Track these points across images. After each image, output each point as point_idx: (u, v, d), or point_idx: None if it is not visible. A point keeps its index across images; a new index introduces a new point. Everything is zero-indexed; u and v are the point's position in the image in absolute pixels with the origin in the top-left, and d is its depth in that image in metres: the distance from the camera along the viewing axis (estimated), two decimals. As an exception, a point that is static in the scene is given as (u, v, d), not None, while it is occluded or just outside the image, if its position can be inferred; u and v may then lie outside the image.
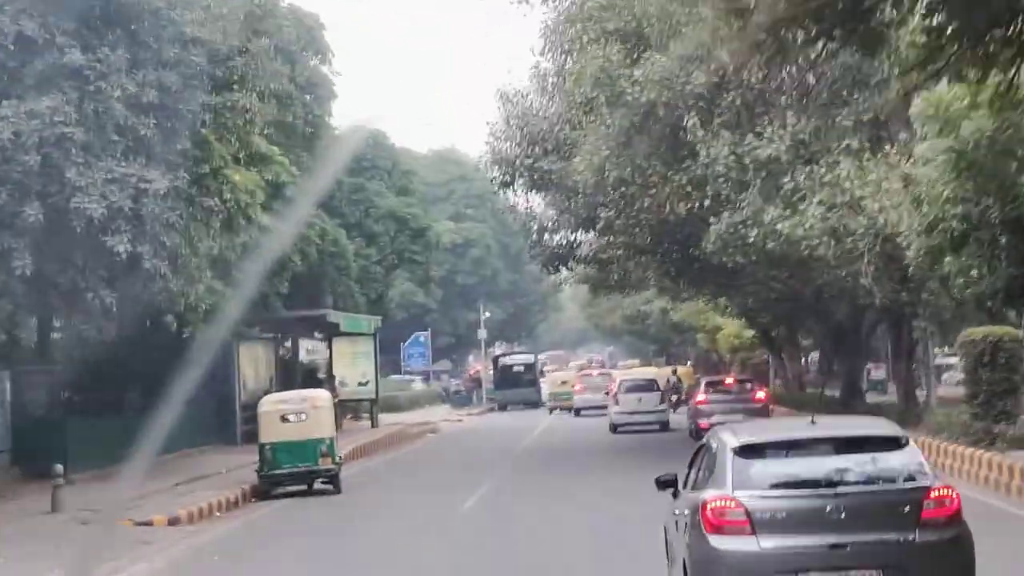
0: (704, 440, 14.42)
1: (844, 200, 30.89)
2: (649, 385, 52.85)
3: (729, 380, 47.65)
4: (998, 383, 27.54)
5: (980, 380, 27.70)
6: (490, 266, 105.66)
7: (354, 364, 53.45)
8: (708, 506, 12.55)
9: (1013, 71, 12.20)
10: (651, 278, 52.59)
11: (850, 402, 42.28)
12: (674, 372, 69.17)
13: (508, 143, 41.97)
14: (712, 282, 48.86)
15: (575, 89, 36.47)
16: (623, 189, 37.16)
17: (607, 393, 56.04)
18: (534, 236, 45.90)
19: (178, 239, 26.66)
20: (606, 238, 41.80)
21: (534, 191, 43.38)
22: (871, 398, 45.23)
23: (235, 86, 28.50)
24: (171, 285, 27.33)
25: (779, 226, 30.87)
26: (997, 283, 22.24)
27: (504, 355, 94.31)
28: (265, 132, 36.17)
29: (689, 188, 34.59)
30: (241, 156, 33.49)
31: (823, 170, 31.91)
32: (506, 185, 42.80)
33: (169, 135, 26.39)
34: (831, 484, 12.43)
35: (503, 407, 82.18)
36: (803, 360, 62.44)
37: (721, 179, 33.25)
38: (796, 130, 32.90)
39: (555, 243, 45.68)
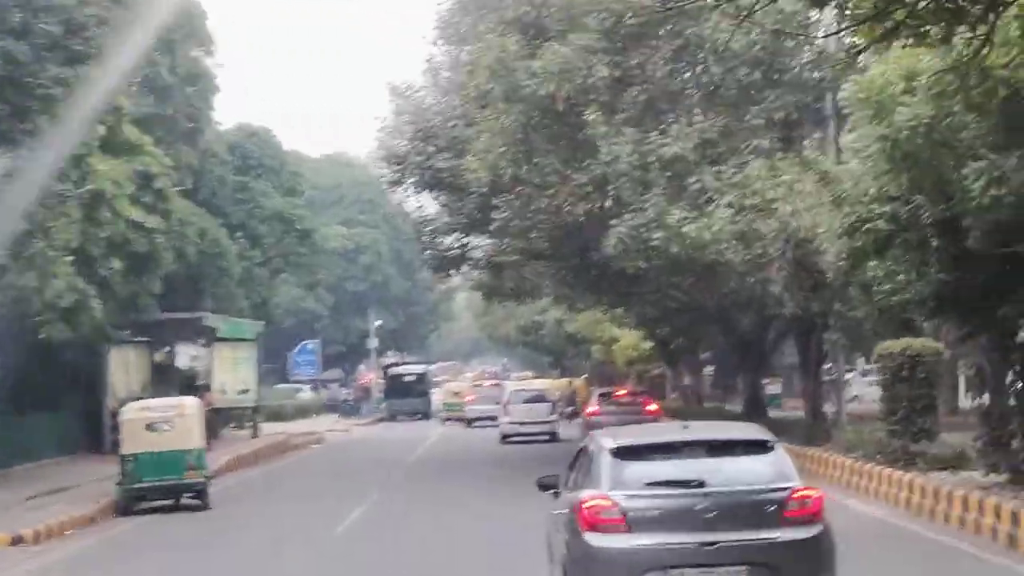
0: (584, 443, 14.73)
1: (754, 202, 29.03)
2: (539, 396, 52.89)
3: (621, 392, 48.48)
4: (917, 399, 25.61)
5: (898, 396, 25.71)
6: (382, 272, 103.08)
7: (235, 371, 50.80)
8: (585, 505, 13.00)
9: (987, 28, 10.21)
10: (547, 285, 50.62)
11: (753, 417, 40.39)
12: (570, 384, 67.56)
13: (399, 139, 39.71)
14: (611, 291, 46.89)
15: (470, 81, 34.29)
16: (519, 189, 35.08)
17: (500, 404, 55.60)
18: (425, 238, 43.57)
19: (25, 227, 24.04)
20: (500, 241, 39.58)
21: (425, 190, 41.11)
22: (773, 413, 43.39)
23: (90, 61, 25.86)
24: (17, 280, 24.64)
25: (685, 229, 28.93)
26: (926, 289, 20.27)
27: (395, 364, 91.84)
28: (129, 118, 33.30)
29: (589, 188, 32.54)
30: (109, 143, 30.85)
31: (732, 171, 30.04)
32: (396, 183, 40.55)
33: (20, 112, 23.78)
34: (701, 485, 12.84)
35: (393, 417, 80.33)
36: (702, 373, 60.53)
37: (623, 179, 31.24)
38: (703, 128, 31.00)
39: (447, 246, 43.42)
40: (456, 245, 43.12)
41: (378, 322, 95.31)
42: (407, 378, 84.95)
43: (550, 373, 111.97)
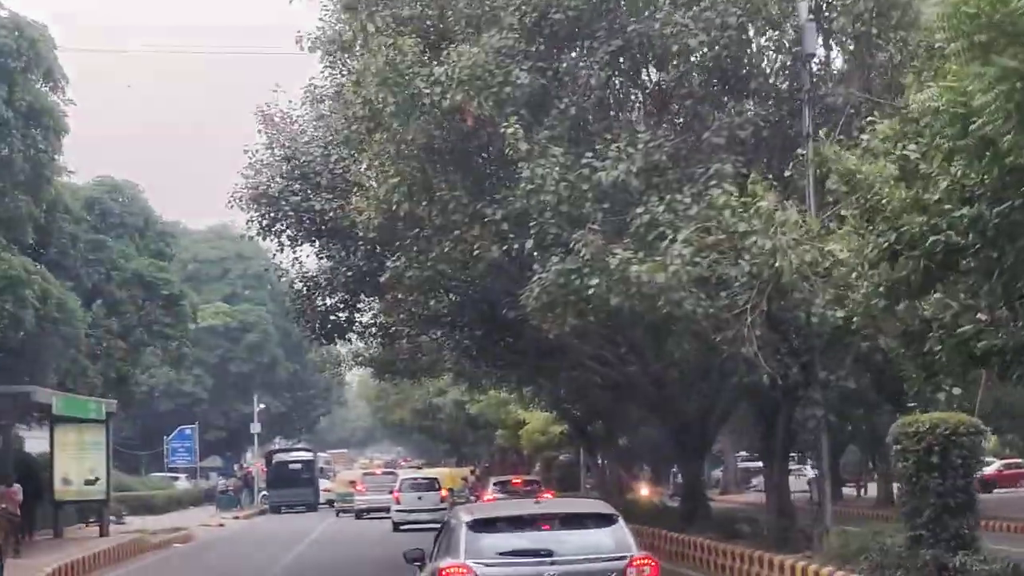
0: (447, 517, 16.60)
1: (718, 238, 22.42)
2: (430, 484, 52.89)
3: (517, 481, 49.44)
4: (950, 494, 18.88)
5: (926, 489, 18.91)
6: (268, 353, 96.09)
7: (81, 457, 43.04)
8: (444, 572, 14.39)
9: None
10: (446, 359, 43.90)
11: (696, 513, 33.72)
12: (472, 472, 61.32)
13: (271, 175, 32.80)
14: (520, 364, 40.28)
15: (356, 95, 27.45)
16: (417, 231, 28.32)
17: (392, 494, 54.03)
18: (303, 300, 36.43)
19: None
20: (392, 300, 32.54)
21: (304, 241, 34.10)
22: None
23: None
24: None
25: (633, 270, 22.19)
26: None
27: (278, 451, 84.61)
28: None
29: (505, 226, 25.80)
30: None
31: (687, 199, 23.44)
32: (266, 230, 33.49)
33: None
34: (550, 554, 14.31)
35: (276, 509, 74.07)
36: (628, 460, 53.59)
37: (549, 213, 24.52)
38: (649, 148, 24.41)
39: (330, 306, 36.35)
40: (341, 307, 36.05)
41: (262, 406, 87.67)
42: (293, 466, 78.57)
43: (446, 461, 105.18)
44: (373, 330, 38.72)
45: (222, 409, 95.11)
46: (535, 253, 25.20)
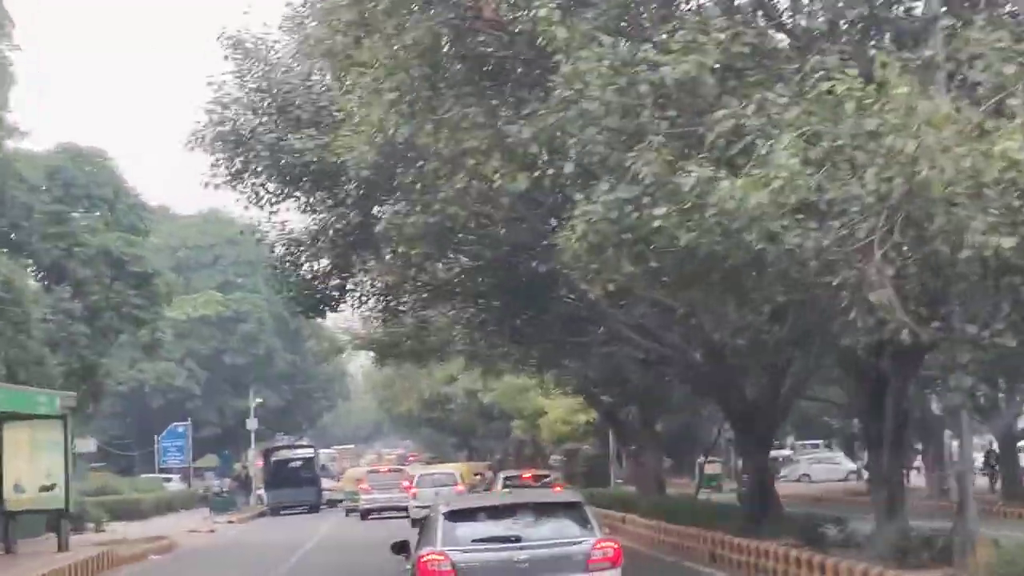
0: (429, 510, 17.68)
1: (833, 146, 16.32)
2: (448, 479, 51.70)
3: (527, 475, 48.24)
4: None
5: None
6: (264, 344, 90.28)
7: (34, 460, 36.85)
8: (422, 559, 15.82)
9: None
10: (457, 337, 37.87)
11: (766, 513, 27.64)
12: (489, 467, 56.92)
13: (241, 110, 26.64)
14: (543, 339, 34.23)
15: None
16: (420, 165, 22.25)
17: (406, 490, 53.21)
18: (285, 264, 30.13)
19: None
20: (392, 255, 26.28)
21: (281, 188, 27.80)
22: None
23: None
24: None
25: (722, 188, 16.08)
26: None
27: (277, 448, 78.76)
28: None
29: (535, 148, 19.61)
30: None
31: (782, 99, 17.33)
32: (236, 176, 27.24)
33: None
34: (519, 540, 15.75)
35: (276, 511, 68.77)
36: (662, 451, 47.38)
37: (594, 128, 18.32)
38: (727, 39, 18.26)
39: (318, 271, 30.09)
40: (331, 271, 29.83)
41: (259, 400, 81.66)
42: (293, 464, 72.95)
43: (456, 456, 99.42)
44: (370, 303, 32.67)
45: (217, 405, 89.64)
46: (576, 181, 19.05)
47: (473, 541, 15.83)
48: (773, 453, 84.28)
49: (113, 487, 67.65)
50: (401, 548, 17.73)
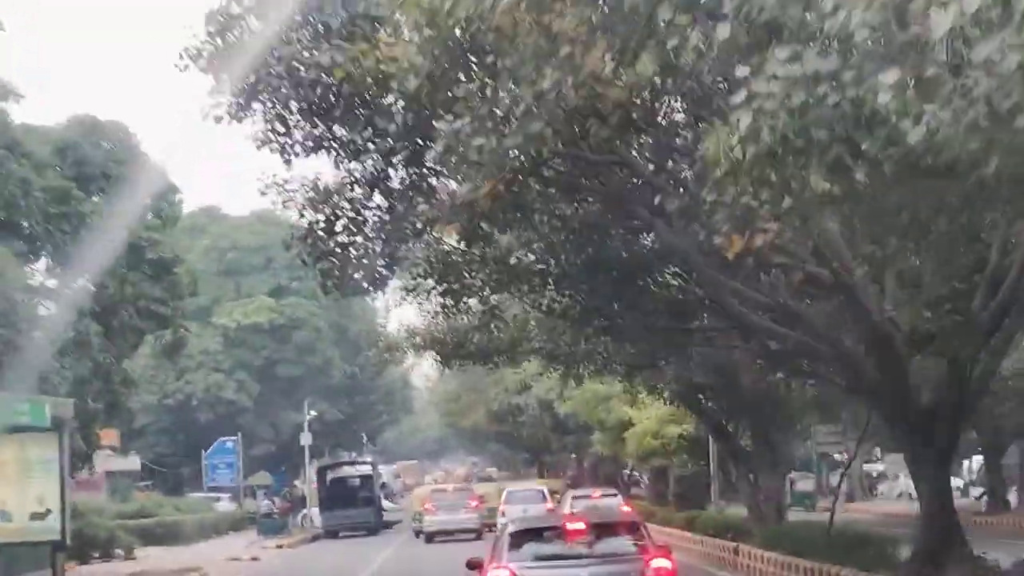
0: (499, 528, 20.61)
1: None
2: (537, 496, 50.67)
3: (595, 494, 46.41)
4: None
5: None
6: (321, 353, 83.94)
7: (22, 482, 30.19)
8: (488, 573, 16.94)
9: None
10: (532, 332, 31.36)
11: (951, 550, 20.62)
12: (569, 486, 57.88)
13: (250, 19, 19.93)
14: (642, 332, 27.50)
15: None
16: (491, 63, 15.53)
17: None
18: (314, 234, 23.04)
19: None
20: (450, 199, 19.24)
21: (303, 119, 20.85)
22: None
23: None
24: None
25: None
26: None
27: (333, 466, 72.59)
28: None
29: (666, 17, 12.69)
30: None
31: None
32: (244, 107, 20.30)
33: None
34: (579, 557, 16.79)
35: (332, 533, 63.42)
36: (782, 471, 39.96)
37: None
38: None
39: (355, 242, 23.02)
40: (372, 240, 22.93)
41: (313, 413, 75.33)
42: (351, 482, 67.04)
43: (525, 472, 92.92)
44: (430, 283, 25.94)
45: (270, 419, 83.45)
46: (734, 58, 12.21)
47: (536, 558, 16.93)
48: (866, 467, 77.97)
49: (150, 509, 61.58)
50: (476, 565, 18.30)
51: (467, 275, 26.09)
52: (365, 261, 23.17)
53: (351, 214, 22.33)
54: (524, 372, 55.71)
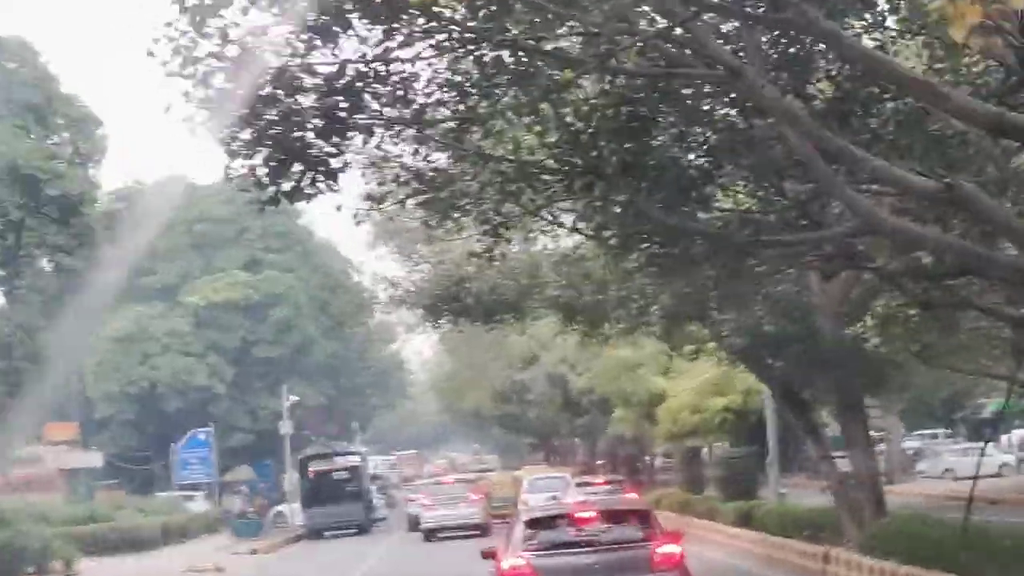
0: (513, 517, 20.78)
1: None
2: (560, 484, 47.72)
3: (599, 482, 45.10)
4: None
5: None
6: (301, 332, 76.32)
7: None
8: (503, 562, 17.87)
9: None
10: (545, 276, 23.26)
11: None
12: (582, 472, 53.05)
13: None
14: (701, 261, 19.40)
15: None
16: None
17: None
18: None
19: None
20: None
21: None
22: None
23: None
24: None
25: None
26: None
27: (316, 457, 64.75)
28: None
29: None
30: None
31: None
32: None
33: None
34: (590, 544, 17.47)
35: (317, 533, 57.19)
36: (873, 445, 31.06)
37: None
38: None
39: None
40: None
41: (293, 399, 67.29)
42: (337, 475, 60.24)
43: (530, 459, 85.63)
44: (398, 182, 17.59)
45: (247, 406, 75.96)
46: None
47: (551, 545, 17.62)
48: (907, 444, 70.50)
49: (106, 512, 53.76)
50: (490, 554, 18.92)
51: (460, 174, 17.87)
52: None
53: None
54: (532, 339, 47.88)
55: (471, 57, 14.42)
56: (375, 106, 15.58)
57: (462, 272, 27.38)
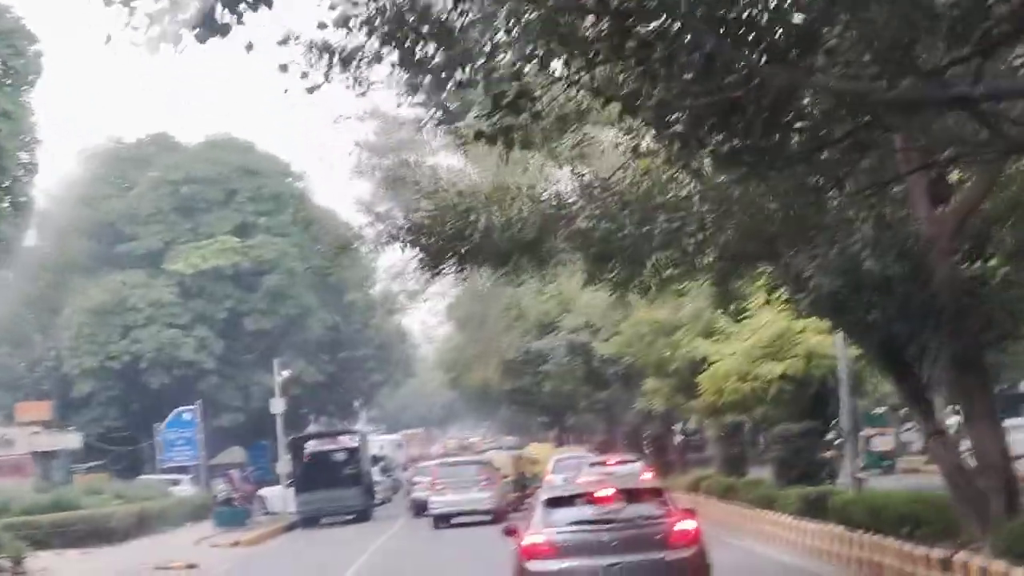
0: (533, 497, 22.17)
1: None
2: (584, 463, 45.45)
3: (613, 460, 44.82)
4: None
5: None
6: (295, 302, 72.04)
7: None
8: (524, 539, 18.62)
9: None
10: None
11: None
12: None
13: None
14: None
15: None
16: None
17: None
18: None
19: None
20: None
21: None
22: None
23: None
24: None
25: None
26: None
27: (310, 437, 60.45)
28: None
29: None
30: None
31: None
32: None
33: None
34: (608, 521, 18.24)
35: (312, 520, 52.63)
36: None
37: None
38: None
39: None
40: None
41: (285, 373, 62.11)
42: (334, 457, 55.78)
43: (542, 439, 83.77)
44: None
45: (238, 382, 71.65)
46: None
47: (569, 523, 18.36)
48: (953, 421, 65.08)
49: (75, 500, 48.79)
50: (512, 530, 19.87)
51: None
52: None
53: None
54: (552, 299, 42.50)
55: None
56: None
57: (468, 202, 21.67)
